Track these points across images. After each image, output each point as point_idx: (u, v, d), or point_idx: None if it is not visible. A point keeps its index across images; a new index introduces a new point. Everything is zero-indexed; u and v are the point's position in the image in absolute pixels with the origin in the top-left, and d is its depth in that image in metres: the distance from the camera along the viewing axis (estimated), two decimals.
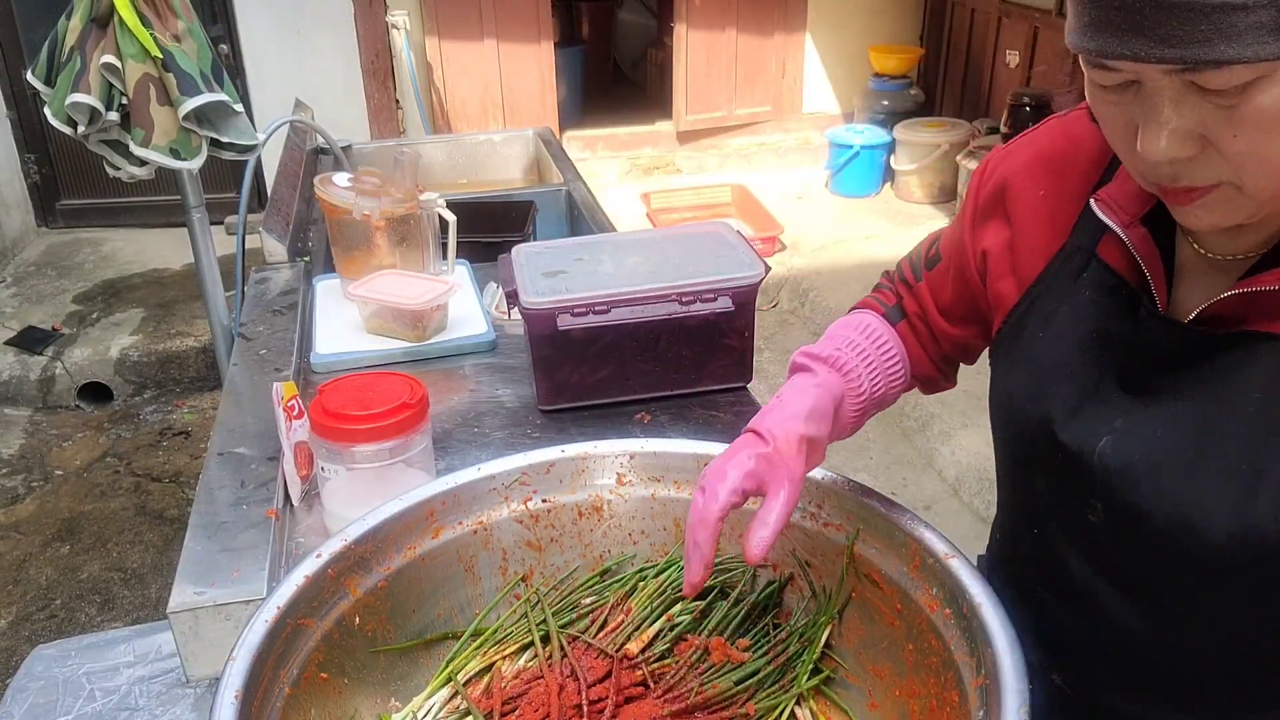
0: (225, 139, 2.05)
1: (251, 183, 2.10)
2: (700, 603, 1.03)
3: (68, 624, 2.95)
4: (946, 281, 1.05)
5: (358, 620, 0.94)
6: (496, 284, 2.02)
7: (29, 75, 2.07)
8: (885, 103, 5.81)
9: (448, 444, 1.46)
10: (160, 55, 1.90)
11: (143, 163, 2.00)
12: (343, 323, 1.79)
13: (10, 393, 4.10)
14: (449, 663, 0.98)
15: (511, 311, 1.70)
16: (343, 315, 1.81)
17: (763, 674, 0.96)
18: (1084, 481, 0.86)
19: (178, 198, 2.31)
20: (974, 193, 0.99)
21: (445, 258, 1.91)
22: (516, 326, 1.74)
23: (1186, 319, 0.79)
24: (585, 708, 0.91)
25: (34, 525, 3.39)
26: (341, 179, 1.86)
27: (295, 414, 1.29)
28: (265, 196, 3.72)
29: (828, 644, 0.99)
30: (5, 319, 4.42)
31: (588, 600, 1.05)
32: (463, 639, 1.00)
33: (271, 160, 2.68)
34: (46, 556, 3.24)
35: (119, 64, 1.90)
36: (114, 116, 1.96)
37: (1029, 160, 0.94)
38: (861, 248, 5.07)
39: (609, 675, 0.95)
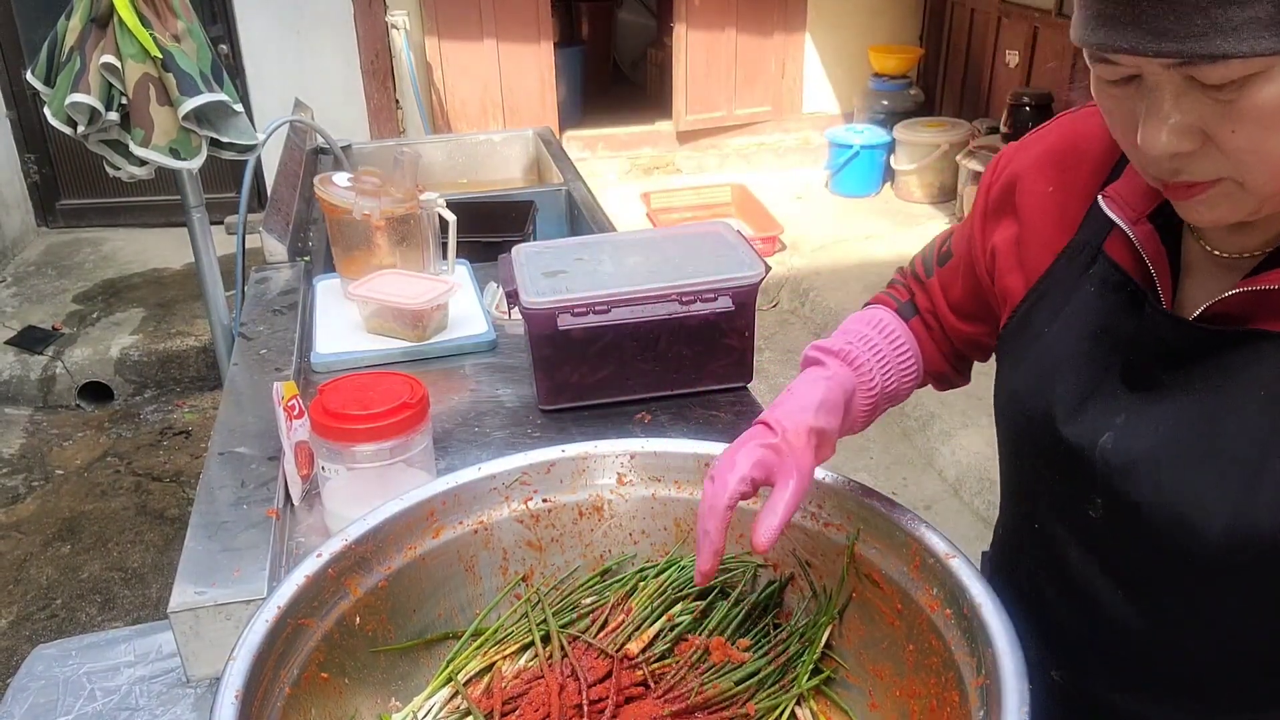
0: (225, 139, 2.05)
1: (251, 183, 2.10)
2: (700, 603, 1.03)
3: (68, 624, 2.95)
4: (957, 278, 1.05)
5: (358, 620, 0.94)
6: (496, 284, 2.02)
7: (29, 75, 2.07)
8: (885, 103, 5.81)
9: (448, 444, 1.46)
10: (160, 55, 1.90)
11: (143, 163, 2.00)
12: (343, 322, 1.79)
13: (10, 392, 4.10)
14: (449, 663, 0.98)
15: (511, 311, 1.70)
16: (343, 315, 1.81)
17: (763, 674, 0.95)
18: (1085, 477, 0.86)
19: (178, 198, 2.32)
20: (985, 189, 0.99)
21: (445, 257, 1.91)
22: (516, 326, 1.74)
23: (1191, 316, 0.79)
24: (585, 708, 0.91)
25: (34, 525, 3.39)
26: (341, 179, 1.86)
27: (295, 414, 1.29)
28: (265, 196, 3.72)
29: (828, 644, 0.99)
30: (5, 319, 4.42)
31: (588, 600, 1.05)
32: (463, 639, 1.00)
33: (271, 160, 2.68)
34: (47, 556, 3.24)
35: (119, 64, 1.90)
36: (114, 116, 1.96)
37: (1039, 156, 0.94)
38: (861, 248, 5.07)
39: (609, 675, 0.95)
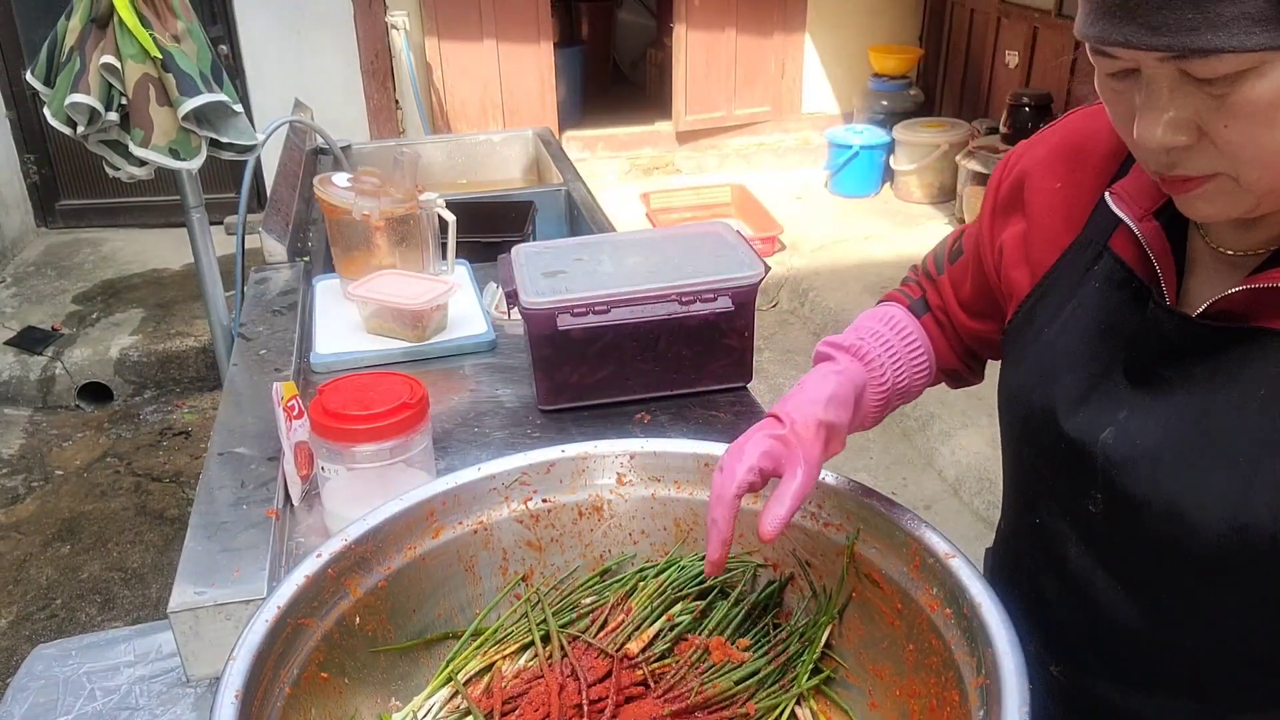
0: (225, 139, 2.05)
1: (251, 183, 2.10)
2: (700, 603, 1.03)
3: (68, 624, 2.95)
4: (966, 276, 1.06)
5: (358, 620, 0.94)
6: (496, 284, 2.02)
7: (29, 75, 2.07)
8: (885, 103, 5.81)
9: (448, 444, 1.46)
10: (160, 55, 1.90)
11: (142, 163, 2.00)
12: (343, 323, 1.79)
13: (10, 393, 4.10)
14: (449, 662, 0.98)
15: (511, 311, 1.70)
16: (343, 315, 1.81)
17: (763, 674, 0.96)
18: (1086, 472, 0.86)
19: (177, 198, 2.32)
20: (994, 186, 1.00)
21: (445, 258, 1.91)
22: (516, 326, 1.74)
23: (1195, 313, 0.80)
24: (585, 707, 0.91)
25: (34, 525, 3.39)
26: (341, 179, 1.86)
27: (295, 414, 1.29)
28: (265, 196, 3.72)
29: (828, 644, 0.99)
30: (5, 319, 4.42)
31: (588, 600, 1.05)
32: (463, 639, 1.00)
33: (271, 160, 2.68)
34: (47, 556, 3.24)
35: (118, 64, 1.90)
36: (113, 117, 1.96)
37: (1048, 153, 0.95)
38: (861, 248, 5.07)
39: (609, 675, 0.95)
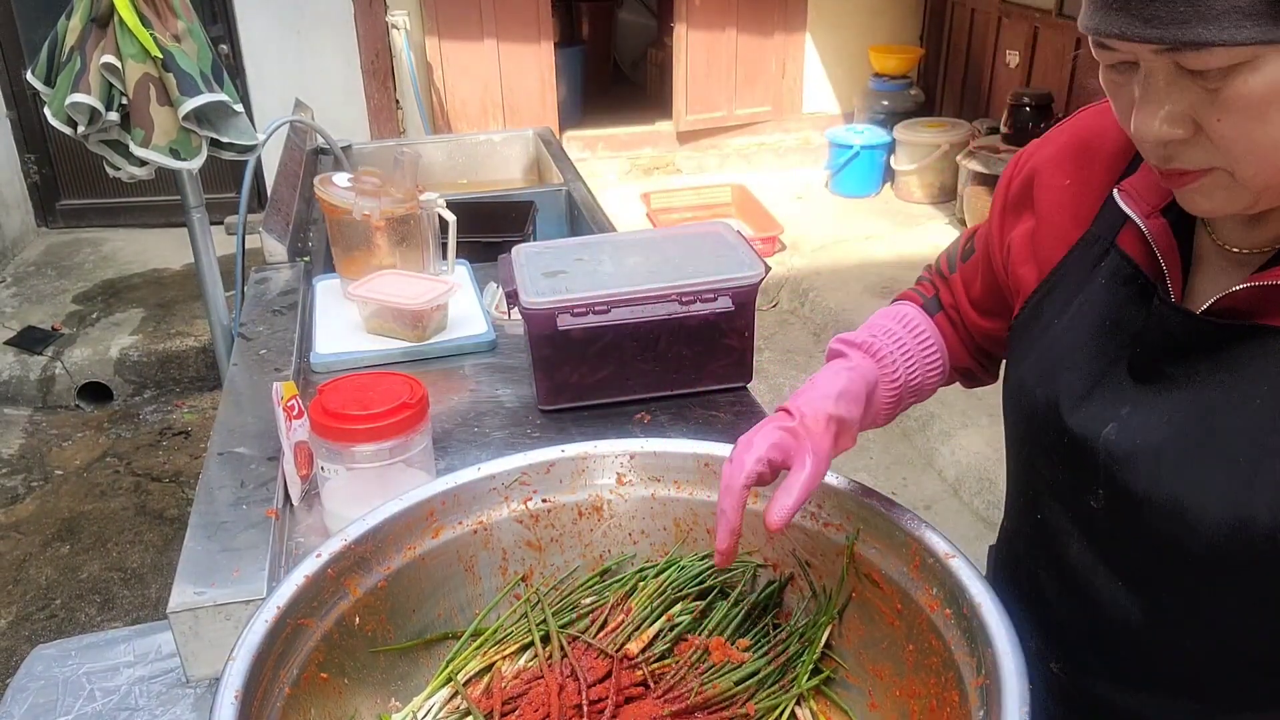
0: (225, 139, 2.05)
1: (251, 183, 2.10)
2: (700, 603, 1.03)
3: (68, 624, 2.95)
4: (978, 274, 1.07)
5: (358, 620, 0.94)
6: (496, 284, 2.02)
7: (29, 75, 2.07)
8: (885, 103, 5.81)
9: (448, 444, 1.46)
10: (160, 55, 1.90)
11: (143, 163, 2.00)
12: (343, 323, 1.79)
13: (10, 393, 4.10)
14: (449, 663, 0.98)
15: (511, 311, 1.70)
16: (343, 315, 1.81)
17: (763, 674, 0.95)
18: (1088, 468, 0.86)
19: (178, 198, 2.32)
20: (1005, 184, 1.00)
21: (445, 258, 1.91)
22: (516, 326, 1.74)
23: (1199, 310, 0.80)
24: (585, 708, 0.91)
25: (34, 525, 3.39)
26: (341, 179, 1.86)
27: (295, 414, 1.29)
28: (265, 196, 3.72)
29: (828, 644, 0.99)
30: (5, 319, 4.42)
31: (588, 600, 1.05)
32: (463, 639, 1.00)
33: (271, 160, 2.68)
34: (46, 556, 3.24)
35: (119, 64, 1.90)
36: (114, 116, 1.96)
37: (1058, 150, 0.95)
38: (861, 248, 5.07)
39: (609, 675, 0.95)
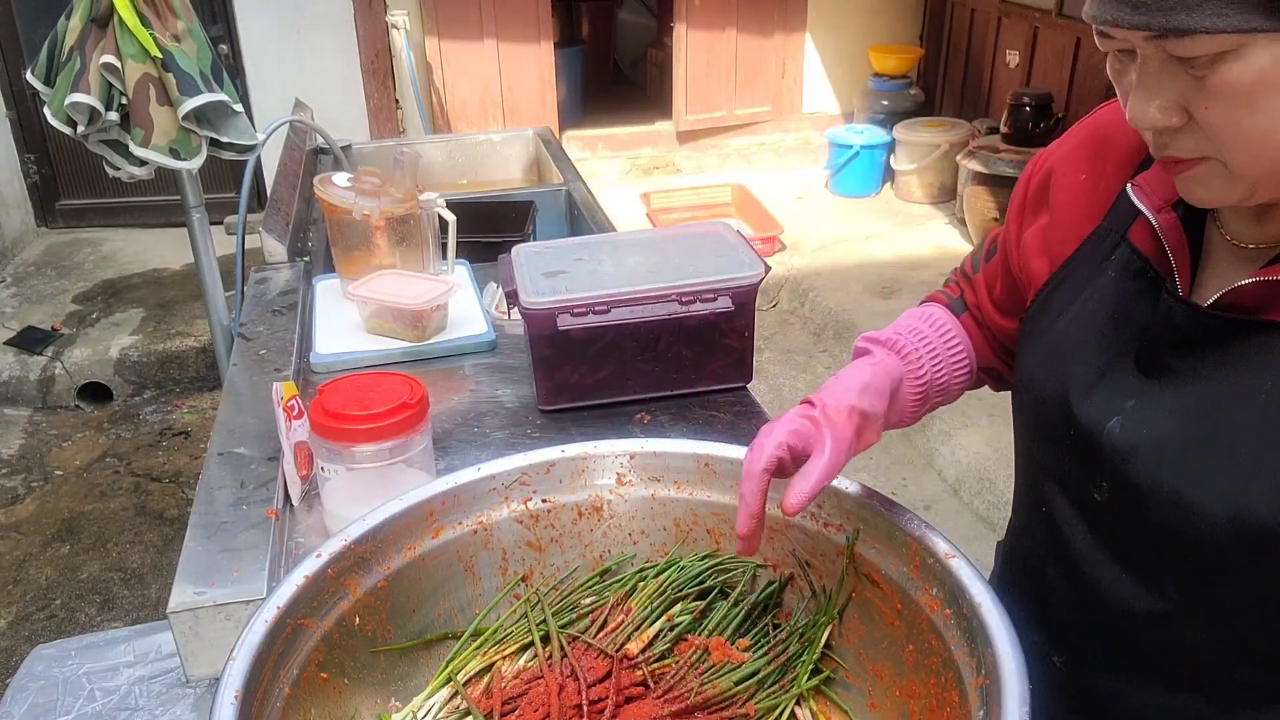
0: (225, 139, 2.05)
1: (251, 183, 2.10)
2: (700, 603, 1.03)
3: (68, 624, 2.95)
4: (999, 274, 1.07)
5: (358, 620, 0.94)
6: (496, 284, 2.02)
7: (29, 75, 2.07)
8: (885, 103, 5.81)
9: (448, 444, 1.46)
10: (160, 55, 1.90)
11: (142, 163, 2.00)
12: (343, 323, 1.79)
13: (10, 393, 4.10)
14: (449, 663, 0.98)
15: (511, 311, 1.70)
16: (343, 315, 1.81)
17: (763, 674, 0.95)
18: (1093, 460, 0.87)
19: (178, 198, 2.32)
20: (1024, 183, 1.01)
21: (445, 258, 1.91)
22: (516, 326, 1.74)
23: (1205, 304, 0.80)
24: (585, 708, 0.91)
25: (34, 525, 3.39)
26: (341, 179, 1.86)
27: (295, 414, 1.29)
28: (265, 196, 3.71)
29: (828, 644, 0.99)
30: (5, 319, 4.42)
31: (588, 600, 1.05)
32: (463, 639, 1.00)
33: (271, 160, 2.68)
34: (46, 556, 3.24)
35: (119, 64, 1.90)
36: (114, 116, 1.96)
37: (1075, 146, 0.96)
38: (861, 248, 5.07)
39: (609, 675, 0.95)
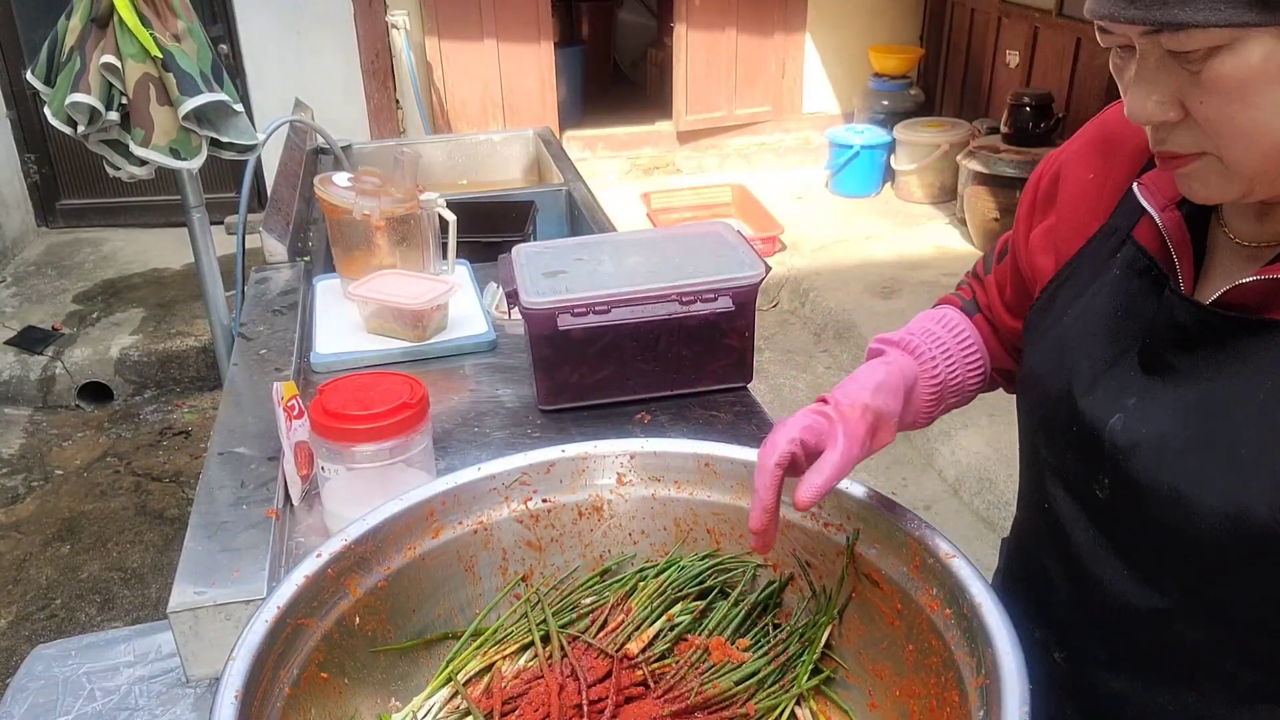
0: (225, 139, 2.05)
1: (251, 183, 2.10)
2: (700, 603, 1.03)
3: (68, 624, 2.95)
4: (1009, 276, 1.08)
5: (358, 620, 0.94)
6: (496, 284, 2.02)
7: (29, 75, 2.07)
8: (885, 103, 5.81)
9: (448, 444, 1.46)
10: (160, 55, 1.90)
11: (143, 163, 2.00)
12: (343, 323, 1.79)
13: (10, 393, 4.10)
14: (449, 663, 0.98)
15: (511, 311, 1.70)
16: (343, 315, 1.81)
17: (763, 674, 0.95)
18: (1095, 456, 0.87)
19: (178, 198, 2.32)
20: (1034, 183, 1.02)
21: (445, 258, 1.91)
22: (516, 326, 1.74)
23: (1207, 302, 0.80)
24: (585, 708, 0.91)
25: (34, 525, 3.39)
26: (341, 179, 1.86)
27: (295, 414, 1.29)
28: (265, 196, 3.72)
29: (828, 644, 0.99)
30: (5, 319, 4.42)
31: (588, 600, 1.05)
32: (463, 639, 1.00)
33: (271, 160, 2.68)
34: (46, 556, 3.24)
35: (119, 64, 1.90)
36: (114, 116, 1.96)
37: (1083, 145, 0.96)
38: (861, 248, 5.07)
39: (609, 675, 0.95)
